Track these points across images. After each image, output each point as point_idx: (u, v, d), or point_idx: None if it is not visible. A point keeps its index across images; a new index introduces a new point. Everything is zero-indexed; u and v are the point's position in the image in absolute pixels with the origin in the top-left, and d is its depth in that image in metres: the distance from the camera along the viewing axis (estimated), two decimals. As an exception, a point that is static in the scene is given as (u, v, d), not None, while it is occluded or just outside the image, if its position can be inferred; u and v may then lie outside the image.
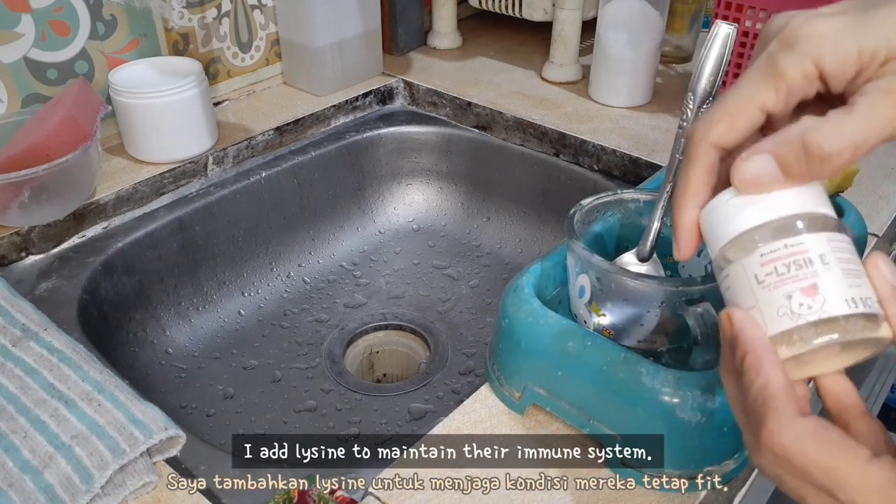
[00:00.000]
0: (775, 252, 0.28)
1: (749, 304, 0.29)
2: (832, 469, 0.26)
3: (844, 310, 0.27)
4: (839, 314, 0.27)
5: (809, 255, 0.28)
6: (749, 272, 0.29)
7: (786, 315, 0.28)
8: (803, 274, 0.28)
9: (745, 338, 0.28)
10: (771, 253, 0.28)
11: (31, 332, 0.51)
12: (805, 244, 0.28)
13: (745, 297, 0.29)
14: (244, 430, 0.65)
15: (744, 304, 0.29)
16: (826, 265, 0.28)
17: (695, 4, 0.94)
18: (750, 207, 0.29)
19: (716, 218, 0.30)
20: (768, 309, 0.28)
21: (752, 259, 0.29)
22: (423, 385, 0.70)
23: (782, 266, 0.28)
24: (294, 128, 0.82)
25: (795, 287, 0.28)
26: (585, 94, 0.88)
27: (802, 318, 0.28)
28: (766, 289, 0.28)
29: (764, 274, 0.28)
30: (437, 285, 0.82)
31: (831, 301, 0.27)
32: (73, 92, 0.64)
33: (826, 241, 0.28)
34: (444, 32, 1.01)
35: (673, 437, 0.40)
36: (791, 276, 0.28)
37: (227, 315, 0.75)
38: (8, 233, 0.62)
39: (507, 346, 0.46)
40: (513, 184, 0.85)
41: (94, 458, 0.41)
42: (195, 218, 0.72)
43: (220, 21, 0.82)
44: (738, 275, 0.29)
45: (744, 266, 0.29)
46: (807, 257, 0.28)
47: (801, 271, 0.28)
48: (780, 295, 0.28)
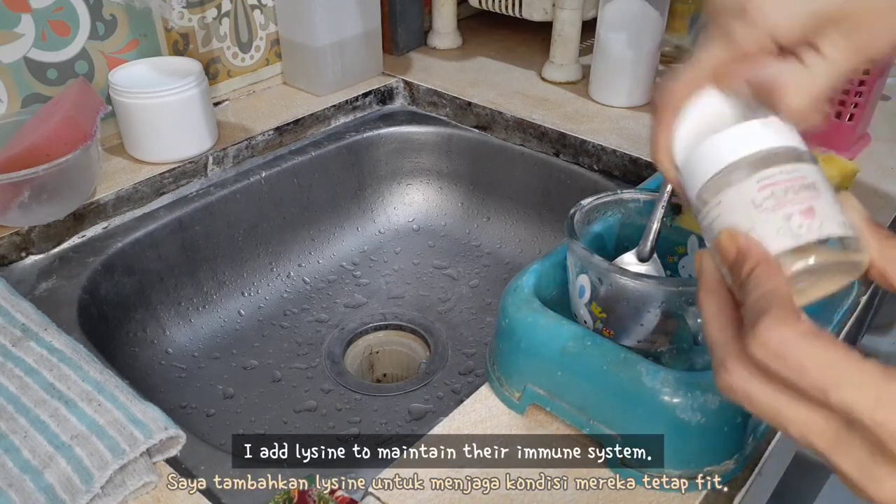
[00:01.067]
0: (772, 177, 0.30)
1: (746, 227, 0.30)
2: (830, 364, 0.25)
3: (840, 231, 0.29)
4: (837, 234, 0.29)
5: (806, 181, 0.29)
6: (745, 197, 0.30)
7: (787, 234, 0.29)
8: (800, 198, 0.29)
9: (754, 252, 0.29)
10: (768, 178, 0.30)
11: (31, 332, 0.51)
12: (801, 171, 0.30)
13: (740, 221, 0.30)
14: (244, 430, 0.65)
15: (740, 227, 0.30)
16: (819, 191, 0.29)
17: (695, 4, 0.94)
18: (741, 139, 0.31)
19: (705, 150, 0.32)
20: (767, 229, 0.29)
21: (749, 184, 0.30)
22: (423, 385, 0.70)
23: (780, 190, 0.29)
24: (294, 128, 0.82)
25: (794, 209, 0.29)
26: (585, 94, 0.88)
27: (803, 238, 0.29)
28: (764, 211, 0.29)
29: (762, 198, 0.29)
30: (437, 285, 0.82)
31: (828, 223, 0.29)
32: (73, 92, 0.64)
33: (817, 173, 0.30)
34: (444, 32, 1.01)
35: (673, 437, 0.40)
36: (789, 200, 0.29)
37: (227, 315, 0.75)
38: (8, 233, 0.62)
39: (507, 346, 0.46)
40: (513, 184, 0.85)
41: (94, 458, 0.41)
42: (195, 218, 0.72)
43: (220, 21, 0.82)
44: (734, 199, 0.30)
45: (739, 191, 0.30)
46: (803, 183, 0.29)
47: (799, 195, 0.29)
48: (779, 216, 0.29)
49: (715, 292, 0.30)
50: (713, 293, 0.30)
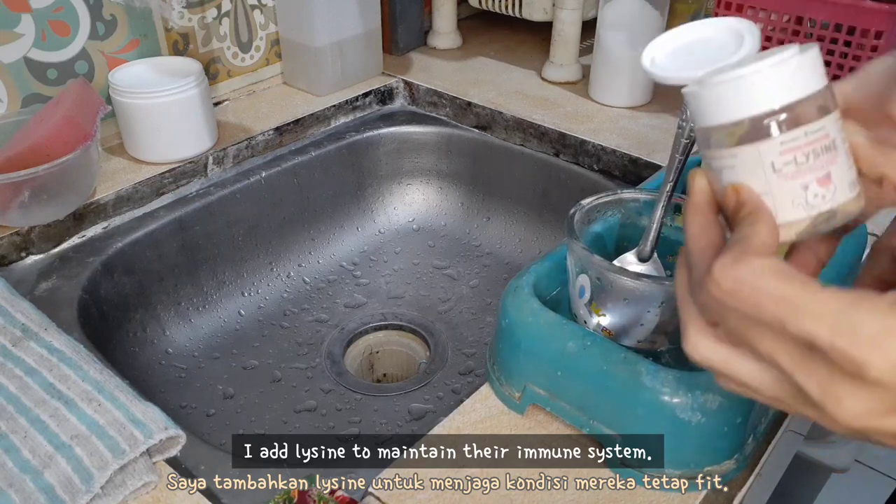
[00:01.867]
0: (796, 140, 0.28)
1: (760, 189, 0.29)
2: (785, 297, 0.25)
3: (848, 194, 0.29)
4: (845, 199, 0.29)
5: (828, 139, 0.28)
6: (765, 158, 0.28)
7: (800, 206, 0.29)
8: (820, 163, 0.28)
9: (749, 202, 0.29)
10: (792, 141, 0.28)
11: (31, 332, 0.51)
12: (824, 129, 0.28)
13: (755, 181, 0.29)
14: (244, 430, 0.65)
15: (755, 186, 0.29)
16: (836, 150, 0.28)
17: (695, 4, 0.94)
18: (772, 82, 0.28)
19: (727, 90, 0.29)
20: (782, 197, 0.29)
21: (771, 145, 0.28)
22: (423, 385, 0.70)
23: (802, 155, 0.28)
24: (294, 128, 0.82)
25: (812, 177, 0.28)
26: (585, 94, 0.88)
27: (815, 209, 0.28)
28: (783, 178, 0.28)
29: (782, 163, 0.28)
30: (437, 285, 0.82)
31: (840, 189, 0.28)
32: (73, 92, 0.64)
33: (835, 123, 0.28)
34: (444, 32, 1.01)
35: (673, 437, 0.40)
36: (809, 166, 0.28)
37: (227, 315, 0.75)
38: (8, 233, 0.62)
39: (507, 346, 0.46)
40: (513, 184, 0.85)
41: (94, 458, 0.41)
42: (195, 218, 0.72)
43: (220, 21, 0.82)
44: (752, 158, 0.29)
45: (760, 151, 0.28)
46: (824, 144, 0.28)
47: (819, 160, 0.28)
48: (797, 185, 0.28)
49: (701, 211, 0.30)
50: (699, 211, 0.30)
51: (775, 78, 0.28)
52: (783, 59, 0.28)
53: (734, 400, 0.40)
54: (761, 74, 0.28)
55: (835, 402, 0.25)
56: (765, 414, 0.44)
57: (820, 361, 0.25)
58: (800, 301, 0.25)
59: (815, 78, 0.28)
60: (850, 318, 0.24)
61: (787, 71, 0.28)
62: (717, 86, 0.29)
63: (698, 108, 0.30)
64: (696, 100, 0.30)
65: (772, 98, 0.28)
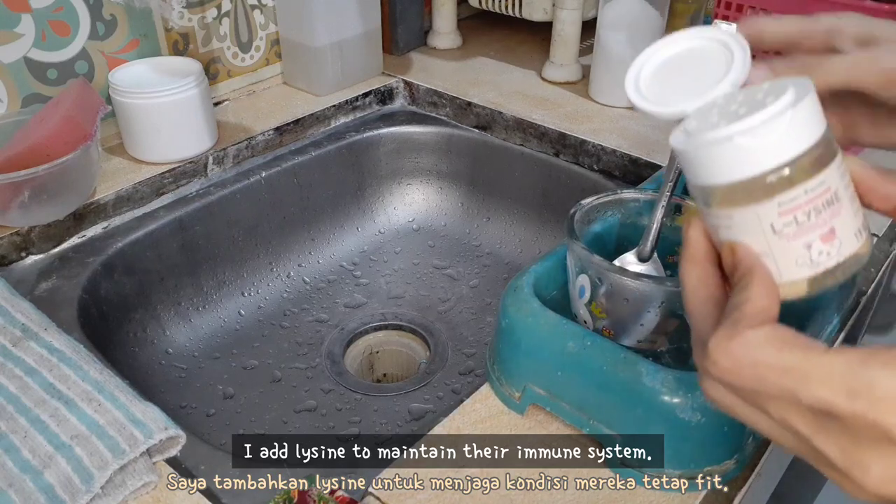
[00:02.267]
0: (795, 200, 0.26)
1: (761, 251, 0.28)
2: (789, 367, 0.24)
3: (855, 246, 0.27)
4: (852, 251, 0.27)
5: (828, 195, 0.26)
6: (764, 222, 0.27)
7: (805, 265, 0.27)
8: (822, 219, 0.27)
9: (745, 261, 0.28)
10: (791, 202, 0.26)
11: (31, 332, 0.51)
12: (824, 183, 0.26)
13: (754, 242, 0.28)
14: (244, 430, 0.65)
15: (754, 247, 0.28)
16: (840, 201, 0.27)
17: (695, 4, 0.94)
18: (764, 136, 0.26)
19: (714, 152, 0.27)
20: (785, 258, 0.27)
21: (769, 207, 0.26)
22: (423, 385, 0.70)
23: (802, 214, 0.26)
24: (294, 128, 0.82)
25: (815, 235, 0.27)
26: (585, 94, 0.88)
27: (822, 266, 0.27)
28: (783, 238, 0.27)
29: (782, 224, 0.26)
30: (437, 285, 0.82)
31: (846, 242, 0.27)
32: (73, 92, 0.64)
33: (837, 171, 0.27)
34: (444, 32, 1.01)
35: (673, 437, 0.40)
36: (811, 224, 0.27)
37: (227, 315, 0.75)
38: (8, 233, 0.62)
39: (507, 346, 0.46)
40: (513, 184, 0.85)
41: (94, 458, 0.41)
42: (195, 218, 0.72)
43: (220, 21, 0.82)
44: (749, 222, 0.27)
45: (757, 214, 0.27)
46: (826, 199, 0.26)
47: (821, 216, 0.26)
48: (799, 245, 0.27)
49: (699, 263, 0.29)
50: (696, 264, 0.29)
51: (767, 137, 0.26)
52: (775, 113, 0.26)
53: (734, 400, 0.39)
54: (752, 134, 0.26)
55: (860, 468, 0.24)
56: (765, 414, 0.44)
57: (839, 426, 0.24)
58: (806, 368, 0.24)
59: (812, 128, 0.26)
60: (864, 380, 0.23)
61: (780, 128, 0.26)
62: (705, 147, 0.27)
63: (688, 166, 0.28)
64: (685, 158, 0.28)
65: (765, 159, 0.26)
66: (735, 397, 0.27)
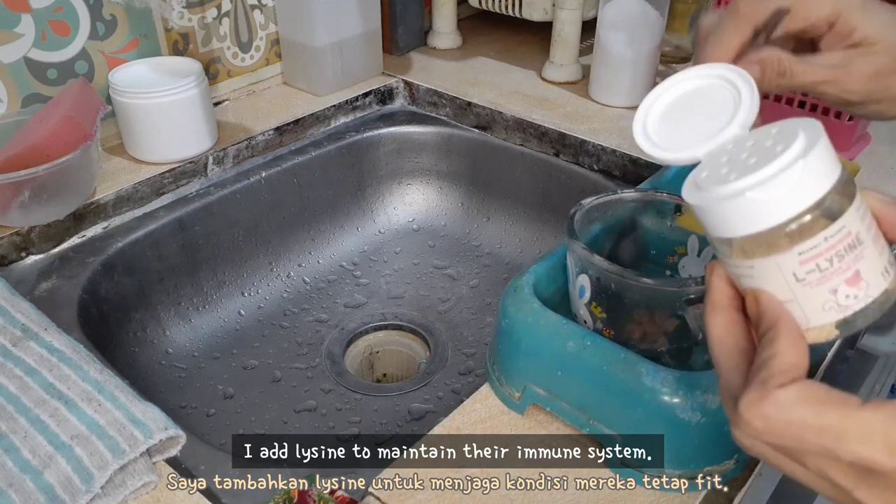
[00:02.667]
0: (816, 248, 0.26)
1: (786, 298, 0.27)
2: (826, 426, 0.24)
3: (883, 286, 0.27)
4: (881, 291, 0.27)
5: (850, 238, 0.26)
6: (786, 271, 0.26)
7: (832, 309, 0.27)
8: (846, 264, 0.26)
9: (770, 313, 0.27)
10: (811, 250, 0.26)
11: (31, 332, 0.51)
12: (844, 228, 0.26)
13: (779, 291, 0.27)
14: (244, 430, 0.65)
15: (778, 295, 0.27)
16: (863, 244, 0.26)
17: (695, 4, 0.94)
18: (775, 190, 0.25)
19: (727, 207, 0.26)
20: (810, 305, 0.27)
21: (789, 257, 0.26)
22: (423, 385, 0.70)
23: (825, 261, 0.26)
24: (294, 128, 0.82)
25: (840, 280, 0.26)
26: (585, 94, 0.88)
27: (850, 309, 0.27)
28: (807, 286, 0.26)
29: (805, 272, 0.26)
30: (437, 285, 0.82)
31: (873, 283, 0.27)
32: (73, 92, 0.64)
33: (856, 213, 0.26)
34: (444, 32, 1.01)
35: (673, 437, 0.40)
36: (835, 270, 0.26)
37: (227, 315, 0.75)
38: (8, 233, 0.62)
39: (507, 346, 0.46)
40: (513, 184, 0.85)
41: (94, 458, 0.41)
42: (195, 218, 0.72)
43: (220, 21, 0.82)
44: (770, 271, 0.27)
45: (777, 264, 0.26)
46: (847, 244, 0.26)
47: (844, 261, 0.26)
48: (824, 291, 0.26)
49: (724, 310, 0.29)
50: (721, 311, 0.29)
51: (780, 189, 0.25)
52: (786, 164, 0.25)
53: (734, 400, 0.39)
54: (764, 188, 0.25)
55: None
56: (765, 414, 0.44)
57: (881, 480, 0.24)
58: (843, 427, 0.24)
59: (826, 174, 0.26)
60: None
61: (792, 179, 0.25)
62: (717, 202, 0.26)
63: (703, 219, 0.28)
64: (699, 212, 0.28)
65: (780, 211, 0.25)
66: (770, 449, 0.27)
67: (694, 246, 0.49)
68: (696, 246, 0.49)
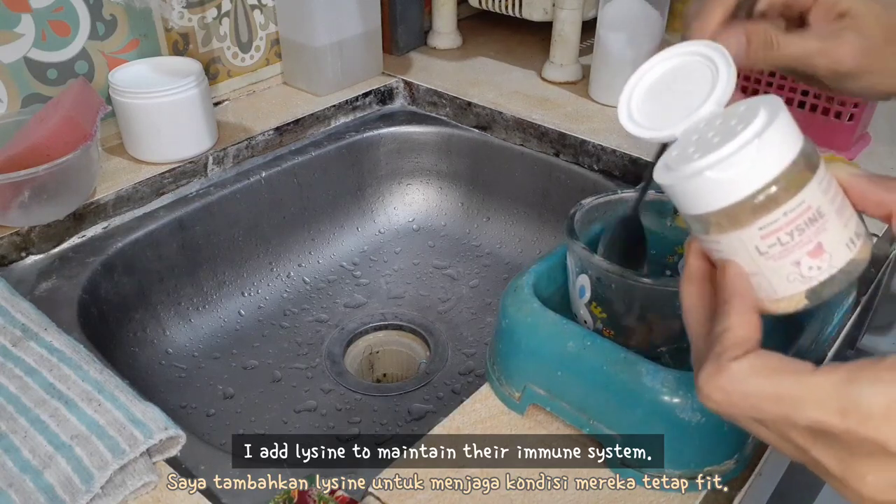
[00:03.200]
0: (775, 223, 0.27)
1: (752, 271, 0.28)
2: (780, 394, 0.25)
3: (847, 256, 0.28)
4: (845, 262, 0.28)
5: (810, 213, 0.27)
6: (749, 245, 0.27)
7: (797, 280, 0.28)
8: (807, 237, 0.27)
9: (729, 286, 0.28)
10: (771, 224, 0.27)
11: (31, 332, 0.51)
12: (804, 203, 0.27)
13: (745, 264, 0.28)
14: (244, 430, 0.65)
15: (745, 268, 0.28)
16: (824, 217, 0.27)
17: (695, 4, 0.94)
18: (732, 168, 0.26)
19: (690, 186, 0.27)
20: (775, 277, 0.28)
21: (750, 232, 0.27)
22: (423, 385, 0.70)
23: (785, 235, 0.27)
24: (294, 128, 0.82)
25: (802, 252, 0.27)
26: (585, 94, 0.88)
27: (814, 280, 0.28)
28: (770, 259, 0.27)
29: (766, 246, 0.27)
30: (437, 285, 0.82)
31: (837, 255, 0.28)
32: (73, 92, 0.64)
33: (817, 187, 0.27)
34: (444, 32, 1.01)
35: (673, 437, 0.40)
36: (796, 243, 0.27)
37: (227, 315, 0.75)
38: (8, 233, 0.62)
39: (507, 346, 0.46)
40: (513, 184, 0.85)
41: (94, 458, 0.41)
42: (195, 218, 0.72)
43: (220, 21, 0.82)
44: (735, 246, 0.28)
45: (741, 239, 0.27)
46: (808, 217, 0.27)
47: (805, 234, 0.27)
48: (787, 263, 0.27)
49: (695, 282, 0.31)
50: (693, 283, 0.31)
51: (736, 169, 0.26)
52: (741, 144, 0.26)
53: (734, 400, 0.39)
54: (721, 167, 0.26)
55: (857, 478, 0.25)
56: (765, 414, 0.44)
57: (834, 440, 0.25)
58: (797, 393, 0.25)
59: (782, 153, 0.26)
60: (852, 398, 0.24)
61: (746, 159, 0.26)
62: (681, 181, 0.28)
63: (673, 198, 0.29)
64: (668, 191, 0.29)
65: (737, 189, 0.26)
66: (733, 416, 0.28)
67: (694, 246, 0.49)
68: (696, 246, 0.49)
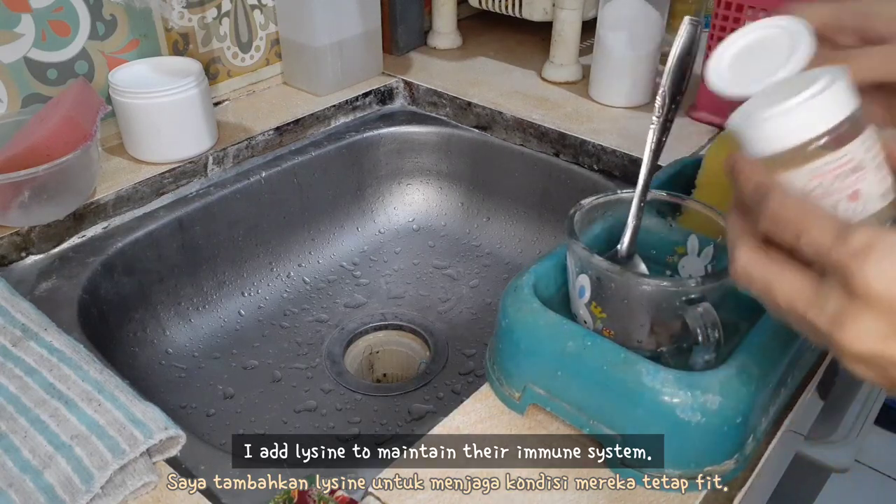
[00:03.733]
0: (822, 168, 0.32)
1: None
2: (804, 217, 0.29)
3: (879, 204, 0.32)
4: (877, 209, 0.32)
5: (851, 165, 0.32)
6: (797, 183, 0.32)
7: None
8: (847, 184, 0.32)
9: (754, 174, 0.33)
10: (819, 168, 0.32)
11: (31, 332, 0.51)
12: (848, 155, 0.32)
13: None
14: (244, 430, 0.65)
15: None
16: (864, 169, 0.32)
17: (695, 4, 0.94)
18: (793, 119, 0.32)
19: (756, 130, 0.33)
20: None
21: (802, 174, 0.32)
22: (423, 385, 0.70)
23: (829, 180, 0.32)
24: (294, 128, 0.82)
25: (841, 196, 0.32)
26: (585, 94, 0.88)
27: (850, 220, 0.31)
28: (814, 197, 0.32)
29: (812, 187, 0.32)
30: (437, 285, 0.82)
31: (871, 201, 0.32)
32: (73, 92, 0.64)
33: (861, 145, 0.32)
34: (444, 32, 1.01)
35: (673, 437, 0.40)
36: (836, 188, 0.32)
37: (227, 315, 0.75)
38: (8, 233, 0.62)
39: (507, 346, 0.46)
40: (513, 184, 0.85)
41: (94, 458, 0.41)
42: (195, 218, 0.72)
43: (220, 21, 0.82)
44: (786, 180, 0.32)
45: (791, 178, 0.32)
46: (850, 167, 0.32)
47: (845, 182, 0.32)
48: (828, 204, 0.32)
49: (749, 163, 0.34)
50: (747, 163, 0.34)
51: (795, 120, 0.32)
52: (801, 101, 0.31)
53: (734, 400, 0.40)
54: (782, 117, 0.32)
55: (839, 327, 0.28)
56: (765, 414, 0.44)
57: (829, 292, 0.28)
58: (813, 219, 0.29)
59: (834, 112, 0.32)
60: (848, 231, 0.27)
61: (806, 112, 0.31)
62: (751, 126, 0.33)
63: (745, 142, 0.34)
64: (738, 134, 0.34)
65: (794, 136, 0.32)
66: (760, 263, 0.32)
67: (694, 246, 0.49)
68: (695, 246, 0.49)
